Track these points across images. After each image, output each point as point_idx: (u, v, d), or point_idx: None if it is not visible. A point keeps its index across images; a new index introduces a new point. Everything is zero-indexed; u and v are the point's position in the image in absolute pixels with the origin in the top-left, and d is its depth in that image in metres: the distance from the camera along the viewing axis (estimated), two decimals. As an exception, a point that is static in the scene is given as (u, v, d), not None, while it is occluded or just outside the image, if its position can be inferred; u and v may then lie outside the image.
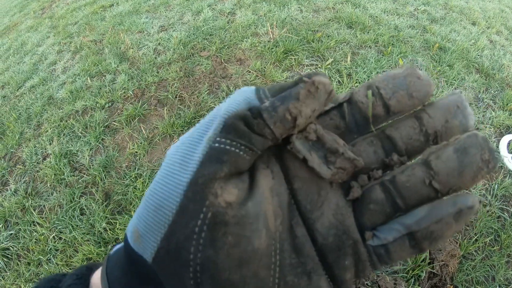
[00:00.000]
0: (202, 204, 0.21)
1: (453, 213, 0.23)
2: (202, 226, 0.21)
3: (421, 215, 0.24)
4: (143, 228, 0.22)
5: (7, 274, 2.10)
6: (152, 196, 0.23)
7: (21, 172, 2.63)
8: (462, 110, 0.25)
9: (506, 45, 3.57)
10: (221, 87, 2.76)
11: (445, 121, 0.25)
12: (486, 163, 0.23)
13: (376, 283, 1.72)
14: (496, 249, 1.93)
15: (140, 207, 0.24)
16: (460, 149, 0.23)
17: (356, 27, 3.33)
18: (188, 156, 0.22)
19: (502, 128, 2.58)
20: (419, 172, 0.24)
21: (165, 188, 0.22)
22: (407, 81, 0.24)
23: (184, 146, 0.23)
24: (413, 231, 0.24)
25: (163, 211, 0.22)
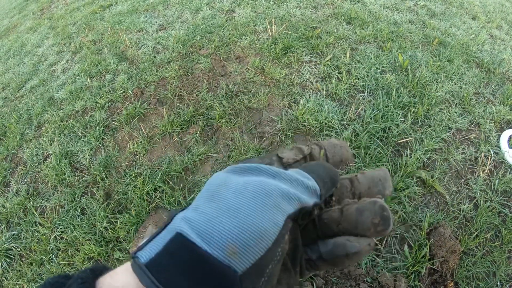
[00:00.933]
0: (284, 239, 0.31)
1: (344, 254, 0.34)
2: (280, 252, 0.31)
3: (328, 248, 0.36)
4: (243, 247, 0.28)
5: (10, 274, 2.11)
6: (256, 225, 0.29)
7: (22, 173, 2.64)
8: (382, 182, 0.39)
9: (507, 40, 3.55)
10: (220, 85, 2.75)
11: (368, 187, 0.39)
12: (374, 226, 0.33)
13: (376, 279, 1.73)
14: (497, 245, 1.93)
15: (234, 227, 0.29)
16: (359, 209, 0.34)
17: (355, 23, 3.32)
18: (281, 204, 0.31)
19: (503, 122, 2.57)
20: (335, 214, 0.36)
21: (268, 222, 0.30)
22: (341, 151, 0.43)
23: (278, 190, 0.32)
24: (324, 258, 0.36)
25: (266, 241, 0.29)
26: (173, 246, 0.28)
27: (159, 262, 0.28)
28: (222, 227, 0.28)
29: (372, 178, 0.40)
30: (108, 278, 0.31)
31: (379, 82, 2.67)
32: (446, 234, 1.85)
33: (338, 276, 1.75)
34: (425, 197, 2.08)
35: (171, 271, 0.27)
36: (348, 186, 0.40)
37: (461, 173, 2.24)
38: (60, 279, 0.31)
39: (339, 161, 0.43)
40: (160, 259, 0.28)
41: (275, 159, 0.41)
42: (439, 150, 2.32)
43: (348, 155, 0.43)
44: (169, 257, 0.28)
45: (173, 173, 2.28)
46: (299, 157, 0.41)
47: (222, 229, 0.28)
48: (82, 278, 0.30)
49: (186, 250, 0.28)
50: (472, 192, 2.14)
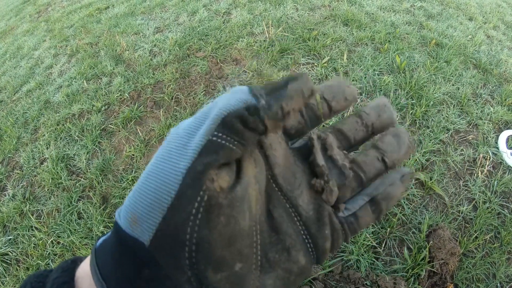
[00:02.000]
0: (200, 188, 0.23)
1: (399, 177, 0.33)
2: (198, 208, 0.23)
3: (378, 183, 0.33)
4: (141, 211, 0.24)
5: (7, 279, 2.09)
6: (150, 181, 0.24)
7: (18, 177, 2.62)
8: (388, 107, 0.35)
9: (504, 40, 3.55)
10: (217, 88, 2.74)
11: (378, 115, 0.35)
12: (411, 143, 0.34)
13: (375, 283, 1.71)
14: (497, 246, 1.92)
15: (136, 192, 0.25)
16: (396, 135, 0.34)
17: (352, 24, 3.32)
18: (187, 145, 0.24)
19: (501, 123, 2.57)
20: (372, 153, 0.34)
21: (163, 173, 0.24)
22: (342, 89, 0.33)
23: (183, 134, 0.25)
24: (374, 196, 0.32)
25: (162, 195, 0.23)
26: (113, 228, 0.27)
27: (104, 244, 0.28)
28: (130, 196, 0.25)
29: (376, 106, 0.35)
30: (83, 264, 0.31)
31: (377, 83, 2.67)
32: (446, 236, 1.84)
33: (337, 279, 1.74)
34: (424, 199, 2.08)
35: (107, 251, 0.27)
36: (358, 121, 0.35)
37: (459, 174, 2.23)
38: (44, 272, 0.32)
39: (343, 101, 0.33)
40: (105, 242, 0.28)
41: None
42: (438, 151, 2.31)
43: (351, 91, 0.34)
44: (109, 239, 0.27)
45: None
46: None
47: (129, 198, 0.25)
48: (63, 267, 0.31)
49: (114, 231, 0.26)
50: (471, 194, 2.14)
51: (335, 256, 1.83)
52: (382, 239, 1.90)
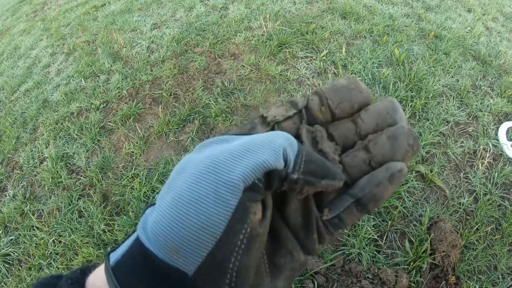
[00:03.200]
0: (245, 222, 0.25)
1: (387, 177, 0.29)
2: (243, 240, 0.25)
3: (363, 183, 0.30)
4: (184, 244, 0.24)
5: (9, 279, 2.09)
6: (196, 214, 0.24)
7: (18, 177, 2.62)
8: (391, 115, 0.32)
9: (502, 32, 3.54)
10: (216, 83, 2.73)
11: (376, 124, 0.32)
12: (411, 147, 0.30)
13: (377, 276, 1.71)
14: (498, 238, 1.92)
15: (173, 220, 0.25)
16: (392, 136, 0.31)
17: (350, 17, 3.30)
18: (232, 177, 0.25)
19: (501, 115, 2.56)
20: (361, 154, 0.32)
21: (212, 209, 0.24)
22: (350, 94, 0.32)
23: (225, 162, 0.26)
24: (359, 198, 0.30)
25: (211, 231, 0.24)
26: (134, 248, 0.27)
27: (122, 265, 0.27)
28: (164, 222, 0.25)
29: (378, 113, 0.32)
30: (92, 277, 0.31)
31: (376, 76, 2.66)
32: (447, 228, 1.84)
33: (339, 273, 1.74)
34: (425, 192, 2.07)
35: (130, 275, 0.26)
36: (352, 129, 0.33)
37: (460, 166, 2.22)
38: (52, 280, 0.32)
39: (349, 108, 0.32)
40: (123, 262, 0.27)
41: (257, 122, 0.34)
42: (438, 143, 2.31)
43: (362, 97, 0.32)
44: (129, 261, 0.27)
45: (170, 173, 2.24)
46: (291, 113, 0.33)
47: (164, 224, 0.25)
48: (72, 278, 0.31)
49: (140, 253, 0.26)
50: (472, 186, 2.13)
51: (336, 249, 1.83)
52: (383, 232, 1.90)
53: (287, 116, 0.33)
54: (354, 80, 0.32)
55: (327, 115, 0.33)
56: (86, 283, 0.31)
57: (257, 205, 0.27)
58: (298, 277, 1.72)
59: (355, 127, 0.33)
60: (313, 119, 0.33)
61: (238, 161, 0.26)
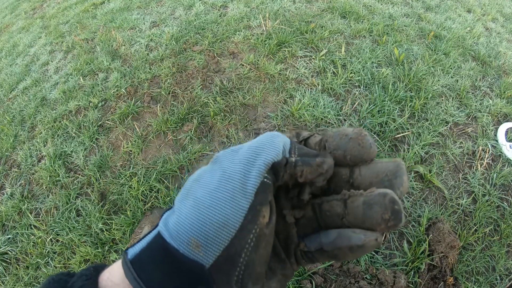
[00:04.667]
0: (255, 223, 0.29)
1: (348, 246, 0.31)
2: (252, 238, 0.29)
3: (331, 239, 0.32)
4: (205, 240, 0.28)
5: (7, 278, 2.09)
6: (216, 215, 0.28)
7: (16, 175, 2.61)
8: (390, 179, 0.31)
9: (502, 32, 3.53)
10: (215, 82, 2.72)
11: (369, 183, 0.32)
12: (385, 221, 0.29)
13: (375, 276, 1.71)
14: (496, 239, 1.92)
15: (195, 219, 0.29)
16: (367, 203, 0.30)
17: (350, 17, 3.29)
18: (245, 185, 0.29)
19: (500, 116, 2.56)
20: (338, 208, 0.32)
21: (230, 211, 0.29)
22: (347, 145, 0.33)
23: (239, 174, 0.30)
24: (326, 250, 0.32)
25: (228, 229, 0.28)
26: (154, 244, 0.30)
27: (141, 258, 0.30)
28: (186, 222, 0.29)
29: (376, 173, 0.32)
30: (107, 273, 0.33)
31: (375, 76, 2.65)
32: (445, 229, 1.84)
33: (337, 273, 1.74)
34: (423, 192, 2.07)
35: (150, 267, 0.29)
36: (346, 176, 0.33)
37: (459, 167, 2.22)
38: (63, 276, 0.33)
39: (342, 157, 0.33)
40: (142, 256, 0.30)
41: None
42: (437, 144, 2.30)
43: (359, 151, 0.32)
44: (149, 254, 0.30)
45: (168, 172, 2.25)
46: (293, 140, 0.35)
47: (186, 224, 0.29)
48: (87, 275, 0.33)
49: (161, 248, 0.29)
50: (471, 186, 2.13)
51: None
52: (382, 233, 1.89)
53: None
54: (359, 132, 0.33)
55: None
56: (100, 279, 0.32)
57: (266, 209, 0.30)
58: (296, 277, 1.71)
59: (349, 177, 0.33)
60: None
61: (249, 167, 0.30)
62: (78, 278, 0.32)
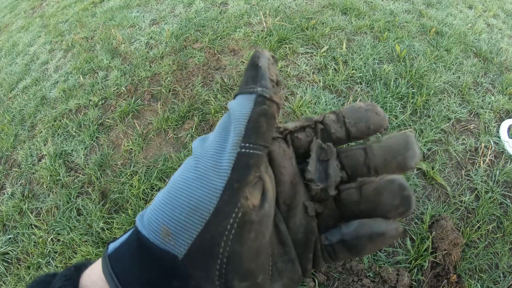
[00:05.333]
0: (235, 206, 0.25)
1: (368, 234, 0.29)
2: (233, 224, 0.25)
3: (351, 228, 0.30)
4: (175, 226, 0.25)
5: (8, 278, 2.08)
6: (184, 197, 0.25)
7: (17, 175, 2.60)
8: (402, 152, 0.30)
9: (504, 29, 3.51)
10: (215, 79, 2.71)
11: (384, 159, 0.31)
12: (395, 208, 0.29)
13: (378, 274, 1.70)
14: (499, 236, 1.91)
15: (166, 205, 0.26)
16: (377, 189, 0.30)
17: (351, 13, 3.28)
18: (219, 162, 0.26)
19: (502, 112, 2.54)
20: (354, 196, 0.31)
21: (200, 191, 0.25)
22: (367, 115, 0.32)
23: (212, 151, 0.27)
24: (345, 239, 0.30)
25: (200, 212, 0.25)
26: (131, 236, 0.29)
27: (119, 252, 0.29)
28: (158, 210, 0.27)
29: (388, 148, 0.31)
30: (88, 271, 0.32)
31: (377, 72, 2.64)
32: (448, 226, 1.83)
33: (340, 271, 1.73)
34: (426, 189, 2.06)
35: (125, 260, 0.28)
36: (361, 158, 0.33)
37: (461, 164, 2.21)
38: (47, 278, 0.32)
39: (365, 128, 0.32)
40: (120, 249, 0.29)
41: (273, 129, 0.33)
42: (439, 141, 2.29)
43: (378, 119, 0.32)
44: (126, 247, 0.29)
45: (169, 170, 2.24)
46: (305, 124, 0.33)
47: (157, 211, 0.27)
48: (66, 275, 0.31)
49: (136, 239, 0.28)
50: (473, 183, 2.12)
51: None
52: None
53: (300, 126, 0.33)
54: (372, 104, 0.32)
55: (342, 133, 0.33)
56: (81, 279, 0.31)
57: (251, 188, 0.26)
58: (299, 276, 1.70)
59: (364, 158, 0.32)
60: (327, 134, 0.33)
61: (222, 142, 0.27)
62: (58, 279, 0.31)
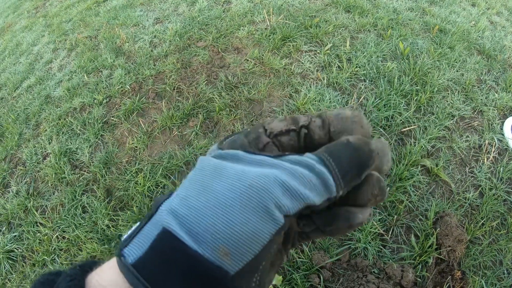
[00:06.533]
0: (282, 232, 0.29)
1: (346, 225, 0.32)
2: (276, 248, 0.30)
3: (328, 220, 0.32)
4: (235, 248, 0.27)
5: (13, 276, 2.09)
6: (246, 227, 0.27)
7: (22, 173, 2.61)
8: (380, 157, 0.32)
9: (507, 26, 3.50)
10: (219, 77, 2.72)
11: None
12: (374, 196, 0.32)
13: (383, 270, 1.71)
14: (503, 233, 1.91)
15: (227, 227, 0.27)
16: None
17: (354, 11, 3.28)
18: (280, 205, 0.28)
19: (506, 110, 2.54)
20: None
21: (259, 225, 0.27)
22: (353, 127, 0.33)
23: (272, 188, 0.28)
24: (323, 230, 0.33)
25: (260, 241, 0.27)
26: (162, 244, 0.27)
27: (147, 262, 0.27)
28: (213, 226, 0.27)
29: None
30: (95, 276, 0.30)
31: (381, 70, 2.64)
32: (453, 223, 1.83)
33: (345, 268, 1.73)
34: (430, 186, 2.06)
35: (160, 273, 0.26)
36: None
37: (465, 161, 2.21)
38: (50, 276, 0.31)
39: None
40: (148, 259, 0.27)
41: (261, 132, 0.35)
42: (443, 138, 2.29)
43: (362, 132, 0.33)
44: (158, 257, 0.27)
45: (174, 167, 2.25)
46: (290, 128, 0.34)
47: (213, 228, 0.27)
48: (71, 275, 0.30)
49: (175, 250, 0.26)
50: (477, 180, 2.12)
51: (342, 244, 1.82)
52: (389, 227, 1.89)
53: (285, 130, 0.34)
54: (358, 114, 0.34)
55: (325, 140, 0.34)
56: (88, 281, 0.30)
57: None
58: (304, 272, 1.71)
59: None
60: (310, 139, 0.34)
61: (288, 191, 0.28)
62: (63, 279, 0.30)
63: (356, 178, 0.30)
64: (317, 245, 1.83)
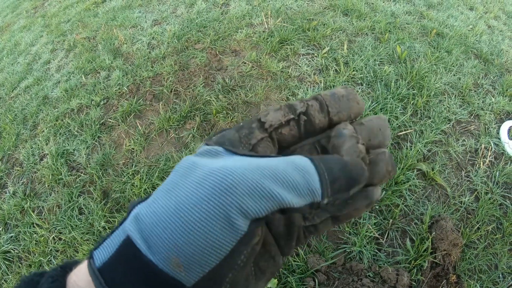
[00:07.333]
0: (250, 243, 0.26)
1: (365, 204, 0.31)
2: (243, 259, 0.27)
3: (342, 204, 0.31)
4: (188, 261, 0.25)
5: (9, 277, 2.09)
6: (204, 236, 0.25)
7: (19, 174, 2.61)
8: (382, 131, 0.34)
9: (504, 30, 3.52)
10: (217, 79, 2.72)
11: (368, 139, 0.33)
12: (389, 173, 0.32)
13: (378, 274, 1.71)
14: (499, 237, 1.91)
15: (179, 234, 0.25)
16: (373, 161, 0.32)
17: (352, 14, 3.29)
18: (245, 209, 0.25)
19: (502, 114, 2.55)
20: None
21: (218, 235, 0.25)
22: (349, 105, 0.34)
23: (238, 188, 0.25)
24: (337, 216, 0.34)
25: (219, 252, 0.25)
26: (126, 251, 0.26)
27: (112, 268, 0.26)
28: (167, 234, 0.25)
29: (371, 129, 0.34)
30: (73, 276, 0.30)
31: (378, 74, 2.65)
32: (448, 227, 1.84)
33: (340, 271, 1.74)
34: (426, 190, 2.07)
35: (122, 280, 0.26)
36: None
37: (461, 165, 2.22)
38: (35, 277, 0.31)
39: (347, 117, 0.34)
40: (112, 265, 0.26)
41: (255, 126, 0.32)
42: (439, 142, 2.30)
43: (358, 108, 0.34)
44: (120, 264, 0.26)
45: (170, 170, 2.25)
46: (289, 117, 0.33)
47: (166, 236, 0.25)
48: (53, 276, 0.30)
49: (135, 258, 0.25)
50: (473, 184, 2.13)
51: (337, 247, 1.83)
52: (385, 230, 1.90)
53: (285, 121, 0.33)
54: (352, 91, 0.34)
55: (325, 123, 0.34)
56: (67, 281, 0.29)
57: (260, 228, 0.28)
58: (299, 275, 1.71)
59: None
60: (310, 125, 0.34)
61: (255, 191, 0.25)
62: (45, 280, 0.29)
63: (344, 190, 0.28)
64: (313, 249, 1.83)
